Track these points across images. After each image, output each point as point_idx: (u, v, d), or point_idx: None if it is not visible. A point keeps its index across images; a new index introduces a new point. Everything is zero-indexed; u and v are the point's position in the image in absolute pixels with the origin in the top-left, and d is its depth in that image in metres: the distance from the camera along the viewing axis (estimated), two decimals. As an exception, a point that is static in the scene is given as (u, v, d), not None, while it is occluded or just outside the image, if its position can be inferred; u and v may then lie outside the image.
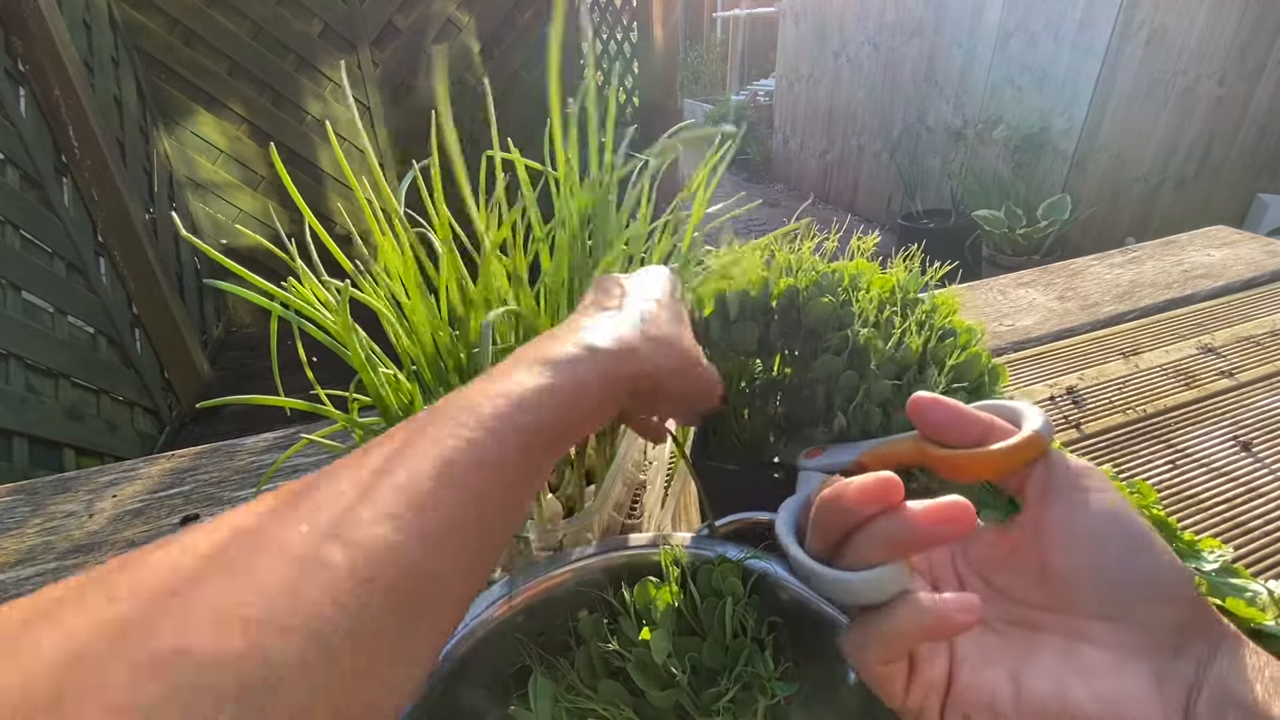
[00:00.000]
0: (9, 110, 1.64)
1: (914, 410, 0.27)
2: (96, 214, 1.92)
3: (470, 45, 2.55)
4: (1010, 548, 0.25)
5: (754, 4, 6.35)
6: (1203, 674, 0.20)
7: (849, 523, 0.23)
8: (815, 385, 0.39)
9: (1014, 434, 0.25)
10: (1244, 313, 0.87)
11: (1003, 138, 3.12)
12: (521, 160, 0.43)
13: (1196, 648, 0.21)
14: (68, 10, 1.85)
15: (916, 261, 0.44)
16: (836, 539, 0.24)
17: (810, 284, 0.41)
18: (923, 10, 3.50)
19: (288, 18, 2.35)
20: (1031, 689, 0.22)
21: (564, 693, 0.35)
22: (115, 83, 2.09)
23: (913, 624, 0.21)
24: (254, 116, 2.44)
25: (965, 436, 0.26)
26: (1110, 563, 0.22)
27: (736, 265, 0.42)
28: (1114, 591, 0.22)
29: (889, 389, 0.36)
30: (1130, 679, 0.21)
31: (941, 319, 0.41)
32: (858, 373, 0.37)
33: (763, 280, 0.42)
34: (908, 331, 0.39)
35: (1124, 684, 0.21)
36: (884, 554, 0.22)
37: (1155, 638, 0.21)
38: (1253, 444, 0.65)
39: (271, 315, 0.39)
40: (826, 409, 0.39)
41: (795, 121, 4.77)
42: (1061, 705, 0.21)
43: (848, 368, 0.38)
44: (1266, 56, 2.46)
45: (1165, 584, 0.22)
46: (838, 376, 0.38)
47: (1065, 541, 0.23)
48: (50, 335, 1.68)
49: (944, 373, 0.38)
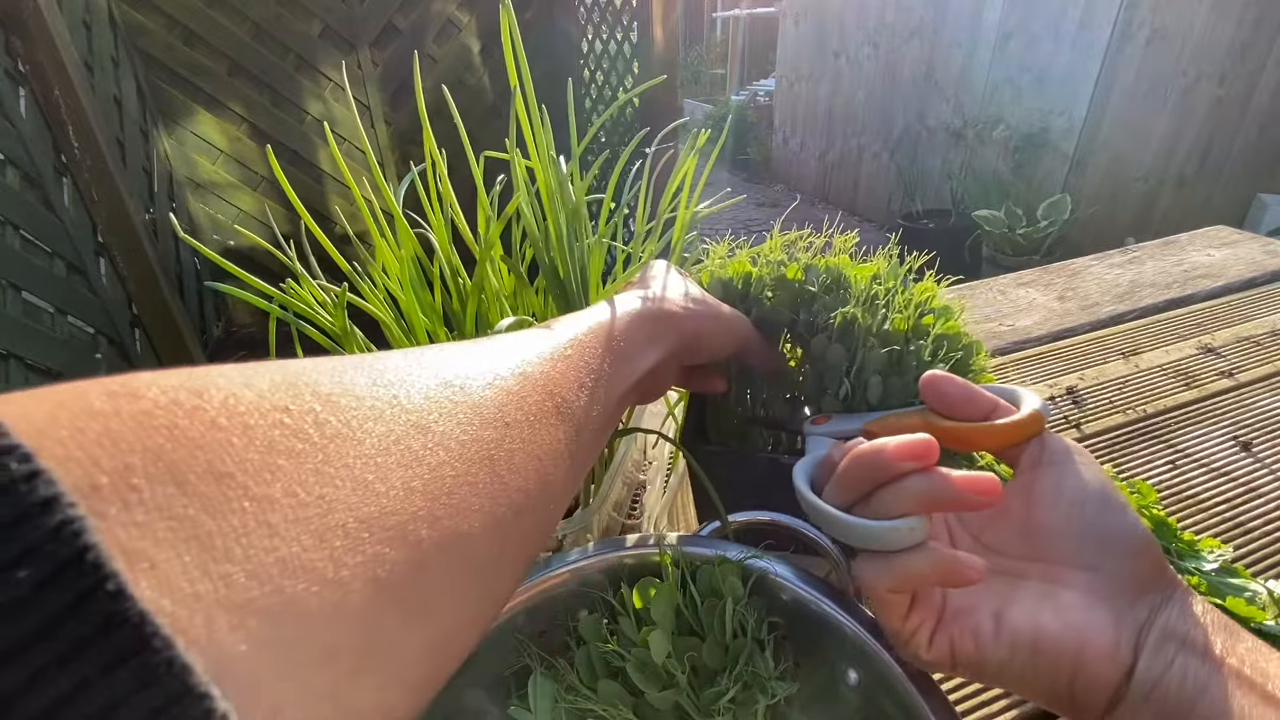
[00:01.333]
0: (9, 110, 1.64)
1: (928, 384, 0.30)
2: (96, 214, 1.92)
3: (470, 45, 2.55)
4: (998, 510, 0.29)
5: (754, 4, 6.35)
6: (1153, 617, 0.25)
7: (880, 477, 0.26)
8: (812, 362, 0.41)
9: (1016, 412, 0.29)
10: (1244, 313, 0.87)
11: (1003, 138, 3.12)
12: (520, 160, 0.43)
13: (1151, 596, 0.25)
14: (68, 10, 1.86)
15: (895, 254, 0.46)
16: (864, 491, 0.27)
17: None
18: (923, 10, 3.50)
19: (288, 18, 2.35)
20: (1010, 618, 0.26)
21: (564, 693, 0.35)
22: (115, 83, 2.09)
23: (929, 568, 0.25)
24: (254, 116, 2.44)
25: (974, 412, 0.29)
26: (1088, 520, 0.26)
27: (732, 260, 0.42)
28: (1088, 545, 0.26)
29: (883, 359, 0.39)
30: (1095, 615, 0.25)
31: (919, 298, 0.43)
32: (845, 347, 0.40)
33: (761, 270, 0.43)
34: (890, 307, 0.41)
35: (1089, 617, 0.25)
36: (912, 507, 0.25)
37: (1119, 585, 0.25)
38: (1253, 444, 0.64)
39: (270, 316, 0.39)
40: (818, 384, 0.41)
41: (795, 121, 4.77)
42: (1034, 633, 0.25)
43: (836, 341, 0.40)
44: (1266, 56, 2.46)
45: (1132, 541, 0.26)
46: (824, 353, 0.40)
47: (1052, 502, 0.27)
48: (50, 335, 1.68)
49: (930, 340, 0.40)
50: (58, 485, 0.10)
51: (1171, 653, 0.23)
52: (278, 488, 0.13)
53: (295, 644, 0.13)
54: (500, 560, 0.19)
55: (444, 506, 0.17)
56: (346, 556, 0.14)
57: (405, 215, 0.39)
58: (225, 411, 0.14)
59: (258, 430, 0.14)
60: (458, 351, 0.22)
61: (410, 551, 0.16)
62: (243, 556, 0.12)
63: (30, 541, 0.10)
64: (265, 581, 0.12)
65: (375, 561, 0.15)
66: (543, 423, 0.22)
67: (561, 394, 0.23)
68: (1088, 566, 0.26)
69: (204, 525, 0.12)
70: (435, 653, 0.17)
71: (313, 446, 0.15)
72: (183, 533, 0.12)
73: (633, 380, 0.29)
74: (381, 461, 0.16)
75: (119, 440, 0.12)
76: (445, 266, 0.39)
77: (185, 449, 0.12)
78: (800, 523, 0.37)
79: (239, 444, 0.13)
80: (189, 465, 0.12)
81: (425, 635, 0.16)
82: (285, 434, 0.14)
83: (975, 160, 3.32)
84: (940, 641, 0.27)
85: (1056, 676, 0.25)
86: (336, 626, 0.14)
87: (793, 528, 0.37)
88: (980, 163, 3.30)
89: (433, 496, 0.17)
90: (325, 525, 0.14)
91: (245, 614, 0.12)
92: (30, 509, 0.10)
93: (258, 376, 0.15)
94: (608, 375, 0.27)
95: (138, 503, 0.11)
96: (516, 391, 0.21)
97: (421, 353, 0.21)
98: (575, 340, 0.26)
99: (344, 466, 0.15)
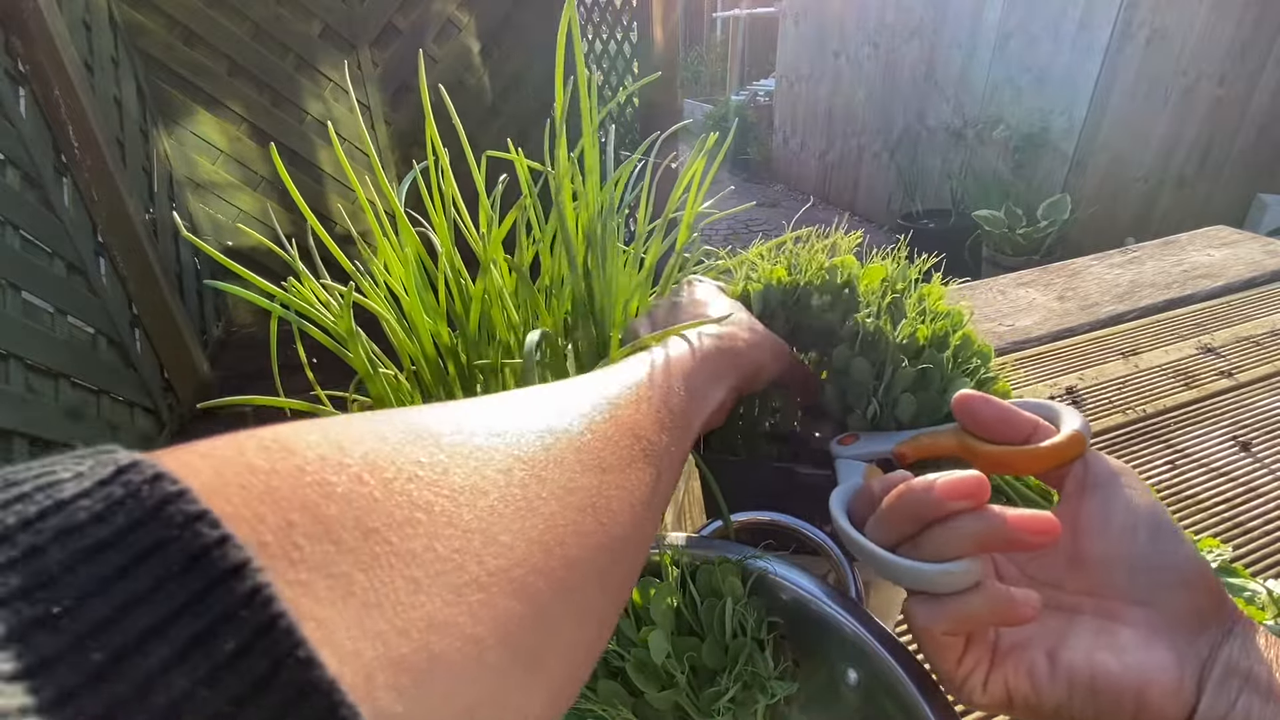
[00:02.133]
0: (9, 110, 1.64)
1: (961, 406, 0.29)
2: (96, 214, 1.92)
3: (470, 45, 2.55)
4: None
5: (754, 4, 6.35)
6: (1215, 653, 0.23)
7: (929, 516, 0.25)
8: (835, 377, 0.40)
9: (1055, 433, 0.27)
10: (1244, 313, 0.87)
11: (1003, 138, 3.12)
12: (522, 160, 0.43)
13: (1212, 632, 0.24)
14: (68, 10, 1.85)
15: (903, 255, 0.45)
16: (910, 530, 0.25)
17: (810, 280, 0.42)
18: (922, 11, 3.50)
19: (288, 18, 2.35)
20: (1065, 660, 0.25)
21: (564, 693, 0.35)
22: (115, 83, 2.09)
23: (986, 609, 0.24)
24: (254, 116, 2.44)
25: (1013, 434, 0.28)
26: (1140, 551, 0.25)
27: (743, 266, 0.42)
28: (1143, 577, 0.25)
29: (913, 375, 0.37)
30: (1155, 653, 0.24)
31: (933, 304, 0.42)
32: (868, 360, 0.38)
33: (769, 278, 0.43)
34: (908, 318, 0.40)
35: (1149, 656, 0.24)
36: (967, 549, 0.24)
37: (1177, 620, 0.24)
38: (1252, 444, 0.65)
39: (271, 316, 0.39)
40: (842, 399, 0.39)
41: (795, 121, 4.77)
42: (1091, 673, 0.24)
43: (859, 354, 0.38)
44: (1266, 56, 2.46)
45: (1188, 572, 0.24)
46: (847, 366, 0.39)
47: (1101, 531, 0.26)
48: (50, 335, 1.67)
49: (950, 353, 0.38)
50: (245, 550, 0.10)
51: (1235, 691, 0.22)
52: (419, 543, 0.14)
53: (443, 701, 0.13)
54: (604, 608, 0.20)
55: (558, 558, 0.17)
56: (482, 611, 0.14)
57: (406, 215, 0.39)
58: (367, 467, 0.14)
59: (396, 484, 0.14)
60: (550, 395, 0.22)
61: (531, 604, 0.16)
62: (393, 613, 0.12)
63: (227, 608, 0.10)
64: (414, 639, 0.13)
65: (505, 616, 0.15)
66: (633, 466, 0.22)
67: (647, 436, 0.24)
68: (1142, 601, 0.25)
69: (359, 582, 0.12)
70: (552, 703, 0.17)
71: (445, 499, 0.15)
72: (340, 590, 0.12)
73: (704, 417, 0.29)
74: (503, 511, 0.16)
75: (280, 498, 0.12)
76: (449, 268, 0.39)
77: (337, 505, 0.13)
78: (800, 523, 0.37)
79: (381, 499, 0.14)
80: (341, 522, 0.13)
81: (544, 686, 0.17)
82: (420, 488, 0.15)
83: (975, 160, 3.32)
84: (995, 682, 0.25)
85: (1119, 717, 0.24)
86: (475, 683, 0.14)
87: (793, 528, 0.37)
88: (980, 163, 3.30)
89: (547, 548, 0.17)
90: (462, 580, 0.14)
91: (399, 672, 0.12)
92: (224, 575, 0.10)
93: (388, 429, 0.16)
94: (684, 415, 0.27)
95: (300, 560, 0.11)
96: (611, 437, 0.22)
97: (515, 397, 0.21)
98: (653, 381, 0.27)
99: (474, 519, 0.15)
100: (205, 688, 0.09)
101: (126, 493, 0.10)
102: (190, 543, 0.10)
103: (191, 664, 0.09)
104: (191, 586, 0.10)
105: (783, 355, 0.38)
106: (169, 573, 0.10)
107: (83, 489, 0.10)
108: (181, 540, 0.10)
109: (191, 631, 0.10)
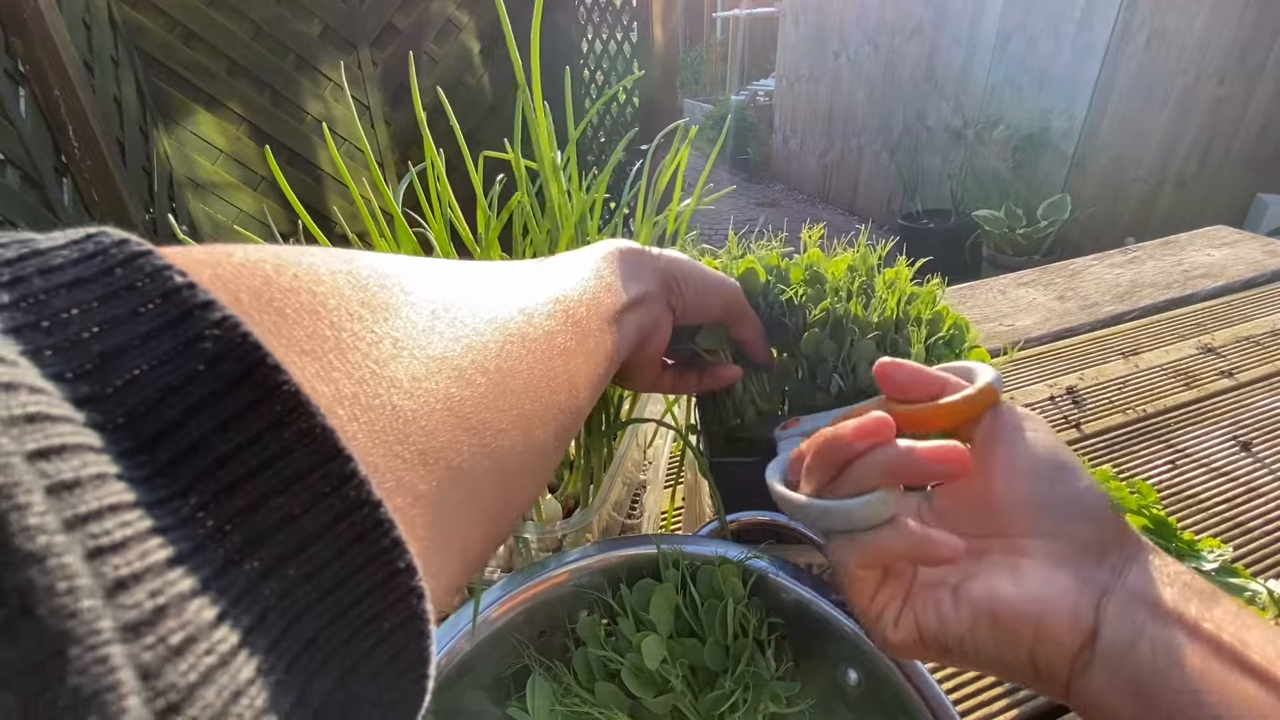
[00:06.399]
0: (9, 110, 1.64)
1: (879, 372, 0.30)
2: (96, 214, 1.92)
3: (470, 45, 2.55)
4: (959, 488, 0.29)
5: (754, 4, 6.35)
6: (1116, 580, 0.24)
7: (843, 458, 0.26)
8: (806, 360, 0.41)
9: (967, 388, 0.28)
10: (1244, 313, 0.87)
11: (1003, 138, 3.12)
12: (521, 160, 0.43)
13: (1113, 558, 0.25)
14: (68, 10, 1.85)
15: (863, 243, 0.46)
16: (831, 475, 0.27)
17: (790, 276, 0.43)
18: (922, 10, 3.50)
19: (288, 18, 2.35)
20: (968, 590, 0.26)
21: (561, 695, 0.35)
22: (115, 83, 2.09)
23: (902, 545, 0.25)
24: (254, 116, 2.44)
25: (924, 393, 0.29)
26: (1045, 489, 0.26)
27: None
28: (1046, 514, 0.26)
29: (873, 347, 0.39)
30: (1054, 583, 0.25)
31: (903, 286, 0.43)
32: (836, 342, 0.40)
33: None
34: (876, 295, 0.41)
35: (1047, 585, 0.25)
36: (878, 480, 0.26)
37: (1080, 550, 0.25)
38: (1253, 444, 0.64)
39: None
40: (812, 380, 0.41)
41: (795, 121, 4.77)
42: (992, 602, 0.25)
43: (829, 338, 0.40)
44: (1266, 56, 2.46)
45: (1089, 505, 0.26)
46: (817, 349, 0.40)
47: (1008, 475, 0.27)
48: (50, 335, 1.68)
49: (921, 327, 0.40)
50: (212, 294, 0.12)
51: (1140, 620, 0.23)
52: (359, 327, 0.16)
53: (400, 440, 0.16)
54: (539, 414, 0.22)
55: (494, 361, 0.20)
56: (426, 383, 0.17)
57: (404, 215, 0.39)
58: (304, 269, 0.16)
59: (330, 282, 0.16)
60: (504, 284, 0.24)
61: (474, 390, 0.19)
62: (343, 374, 0.15)
63: (204, 326, 0.11)
64: (367, 385, 0.15)
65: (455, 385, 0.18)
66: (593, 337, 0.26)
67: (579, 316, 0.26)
68: (1048, 535, 0.26)
69: (304, 346, 0.14)
70: (502, 487, 0.20)
71: (377, 311, 0.17)
72: (294, 351, 0.14)
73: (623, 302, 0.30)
74: (446, 317, 0.19)
75: (227, 283, 0.14)
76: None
77: (280, 291, 0.15)
78: (800, 523, 0.37)
79: (321, 291, 0.16)
80: (284, 302, 0.15)
81: (494, 468, 0.19)
82: (354, 287, 0.17)
83: (975, 160, 3.32)
84: (906, 619, 0.27)
85: (1018, 646, 0.24)
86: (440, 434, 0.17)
87: (793, 528, 0.37)
88: (980, 163, 3.30)
89: (483, 351, 0.20)
90: (384, 356, 0.16)
91: (355, 406, 0.15)
92: (198, 305, 0.11)
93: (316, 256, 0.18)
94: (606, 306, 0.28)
95: (254, 326, 0.13)
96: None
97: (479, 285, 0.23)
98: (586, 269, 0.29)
99: (407, 322, 0.18)
100: (191, 384, 0.11)
101: (98, 248, 0.11)
102: (164, 283, 0.11)
103: (174, 365, 0.11)
104: (168, 313, 0.11)
105: (723, 287, 0.37)
106: (146, 304, 0.11)
107: (57, 243, 0.11)
108: (156, 281, 0.11)
109: (171, 345, 0.11)
